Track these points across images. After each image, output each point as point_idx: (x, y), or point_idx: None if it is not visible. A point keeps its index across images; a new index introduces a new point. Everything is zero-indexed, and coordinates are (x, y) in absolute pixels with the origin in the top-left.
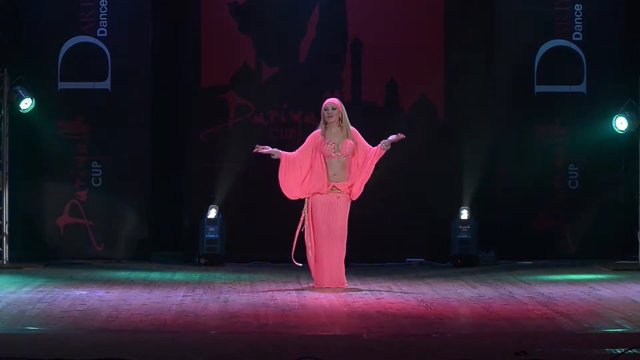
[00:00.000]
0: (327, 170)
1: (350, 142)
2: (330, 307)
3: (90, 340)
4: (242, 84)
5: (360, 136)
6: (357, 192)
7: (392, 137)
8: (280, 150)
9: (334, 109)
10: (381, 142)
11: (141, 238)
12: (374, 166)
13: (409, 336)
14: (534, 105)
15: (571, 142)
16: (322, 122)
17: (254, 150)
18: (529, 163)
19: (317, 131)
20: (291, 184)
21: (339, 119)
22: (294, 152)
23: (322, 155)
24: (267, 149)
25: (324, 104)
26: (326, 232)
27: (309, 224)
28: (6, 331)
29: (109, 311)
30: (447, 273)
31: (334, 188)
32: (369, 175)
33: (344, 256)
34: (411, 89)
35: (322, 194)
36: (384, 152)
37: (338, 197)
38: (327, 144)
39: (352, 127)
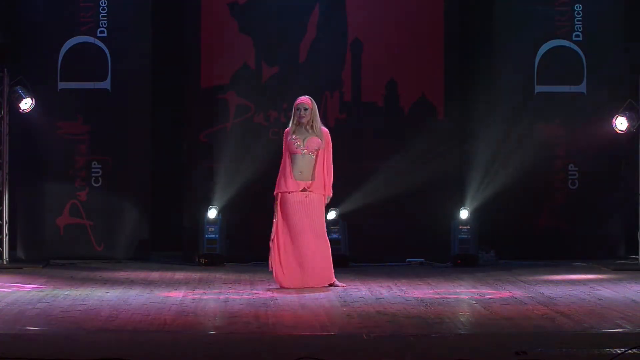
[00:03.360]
0: (292, 167)
1: (317, 139)
2: (330, 307)
3: (90, 340)
4: (242, 84)
5: (329, 139)
6: (327, 192)
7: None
8: (277, 201)
9: (306, 109)
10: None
11: (141, 238)
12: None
13: (409, 336)
14: (534, 105)
15: (571, 142)
16: (292, 120)
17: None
18: (529, 163)
19: (288, 129)
20: None
21: (311, 118)
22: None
23: (289, 152)
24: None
25: (295, 103)
26: (304, 232)
27: (281, 225)
28: (6, 331)
29: (109, 311)
30: (447, 273)
31: (303, 189)
32: (330, 175)
33: (330, 253)
34: (411, 89)
35: (290, 192)
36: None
37: (306, 196)
38: (294, 140)
39: (324, 128)
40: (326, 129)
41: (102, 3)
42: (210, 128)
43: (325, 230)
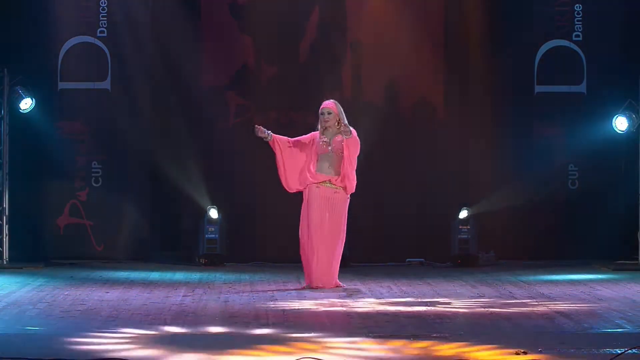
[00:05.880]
0: (319, 163)
1: (341, 137)
2: (331, 307)
3: (90, 341)
4: (242, 84)
5: (354, 140)
6: (348, 185)
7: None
8: (273, 134)
9: (329, 113)
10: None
11: (141, 238)
12: (352, 157)
13: (409, 336)
14: (534, 105)
15: (571, 142)
16: (319, 124)
17: (255, 131)
18: (529, 163)
19: (317, 132)
20: (290, 172)
21: (337, 121)
22: (290, 139)
23: (316, 152)
24: (262, 132)
25: (320, 107)
26: (321, 227)
27: (304, 217)
28: (6, 331)
29: (109, 311)
30: (447, 273)
31: (328, 182)
32: (352, 166)
33: (340, 255)
34: (411, 89)
35: (318, 187)
36: (346, 140)
37: (335, 192)
38: (322, 141)
39: (352, 129)
40: (353, 130)
41: (102, 3)
42: (211, 128)
43: (343, 231)
